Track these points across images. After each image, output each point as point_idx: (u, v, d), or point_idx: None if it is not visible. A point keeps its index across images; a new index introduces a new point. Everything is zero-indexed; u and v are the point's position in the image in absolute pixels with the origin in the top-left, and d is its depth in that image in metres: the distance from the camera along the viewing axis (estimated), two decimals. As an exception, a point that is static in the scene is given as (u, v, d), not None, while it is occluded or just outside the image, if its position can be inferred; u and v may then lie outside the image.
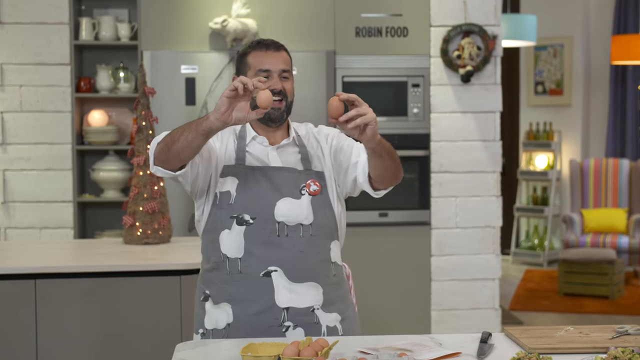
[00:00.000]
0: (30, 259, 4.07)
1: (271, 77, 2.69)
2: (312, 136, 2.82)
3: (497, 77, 5.57)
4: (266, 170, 2.69)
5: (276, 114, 2.70)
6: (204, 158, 2.67)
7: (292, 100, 2.75)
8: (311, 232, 2.67)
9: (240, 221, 2.64)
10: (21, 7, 5.35)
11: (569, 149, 9.70)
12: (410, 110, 5.53)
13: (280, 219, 2.65)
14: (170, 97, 5.33)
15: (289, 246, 2.64)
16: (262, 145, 2.74)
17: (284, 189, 2.67)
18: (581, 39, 9.63)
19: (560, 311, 7.32)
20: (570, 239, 8.51)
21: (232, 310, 2.66)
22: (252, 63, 2.73)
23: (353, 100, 2.45)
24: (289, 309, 2.63)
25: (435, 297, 5.57)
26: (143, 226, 4.36)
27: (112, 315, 3.79)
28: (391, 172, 2.63)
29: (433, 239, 5.56)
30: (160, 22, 5.39)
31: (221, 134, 2.75)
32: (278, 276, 2.63)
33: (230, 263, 2.66)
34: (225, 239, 2.67)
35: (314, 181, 2.70)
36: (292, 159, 2.75)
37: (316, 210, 2.69)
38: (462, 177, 5.56)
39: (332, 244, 2.74)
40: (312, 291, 2.66)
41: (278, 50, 2.73)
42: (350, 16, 5.49)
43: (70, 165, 5.43)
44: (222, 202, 2.68)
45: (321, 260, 2.69)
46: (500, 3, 5.56)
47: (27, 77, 5.37)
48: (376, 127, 2.45)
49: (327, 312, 2.68)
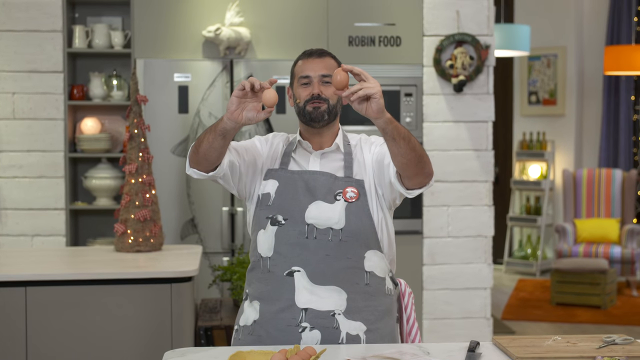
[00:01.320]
0: (22, 266, 4.07)
1: (311, 82, 2.75)
2: (360, 146, 2.85)
3: (490, 87, 5.59)
4: (304, 174, 2.76)
5: (315, 113, 2.74)
6: (247, 162, 2.76)
7: (337, 104, 2.77)
8: (341, 237, 2.69)
9: (273, 221, 2.71)
10: (14, 15, 5.36)
11: (562, 158, 9.73)
12: (402, 120, 5.54)
13: (310, 221, 2.69)
14: (163, 105, 5.34)
15: (315, 248, 2.67)
16: (306, 150, 2.81)
17: (318, 192, 2.72)
18: (575, 49, 9.67)
19: (552, 321, 7.34)
20: (563, 248, 8.53)
21: (259, 308, 2.72)
22: (296, 71, 2.81)
23: (358, 73, 2.47)
24: (308, 310, 2.65)
25: (427, 306, 5.58)
26: (134, 234, 4.36)
27: (103, 323, 3.79)
28: (413, 164, 2.55)
29: (425, 248, 5.57)
30: (153, 30, 5.40)
31: (272, 140, 2.86)
32: (300, 276, 2.66)
33: (263, 262, 2.73)
34: (260, 238, 2.74)
35: (352, 188, 2.73)
36: (334, 165, 2.79)
37: (350, 217, 2.70)
38: (455, 187, 5.58)
39: (369, 253, 2.74)
40: (334, 295, 2.67)
41: (321, 56, 2.79)
42: (344, 25, 5.51)
43: (63, 172, 5.43)
44: (262, 204, 2.75)
45: (350, 267, 2.70)
46: (493, 13, 5.59)
47: (20, 84, 5.38)
48: (381, 100, 2.44)
49: (349, 319, 2.67)
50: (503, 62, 9.92)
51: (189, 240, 5.36)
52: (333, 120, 2.79)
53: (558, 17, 9.70)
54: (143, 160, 4.43)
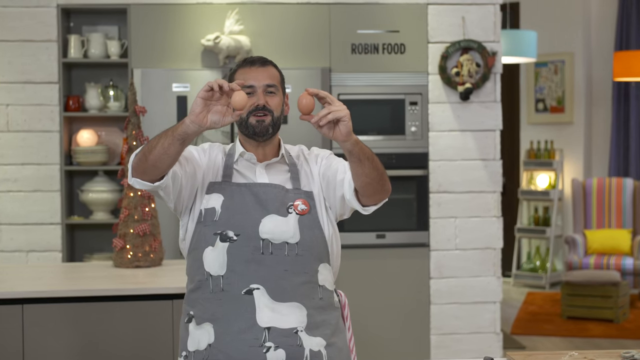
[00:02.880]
0: (17, 283, 4.07)
1: (255, 92, 2.70)
2: (303, 157, 2.84)
3: (497, 95, 5.60)
4: (252, 187, 2.70)
5: (260, 127, 2.70)
6: (188, 173, 2.68)
7: (280, 115, 2.75)
8: (297, 251, 2.66)
9: (224, 238, 2.63)
10: (8, 24, 5.37)
11: (571, 168, 9.73)
12: (408, 129, 5.55)
13: (265, 236, 2.64)
14: (162, 116, 5.35)
15: (273, 264, 2.63)
16: (249, 162, 2.76)
17: (270, 205, 2.67)
18: (583, 55, 9.68)
19: (563, 335, 7.32)
20: (573, 260, 8.52)
21: (213, 330, 2.65)
22: (237, 80, 2.73)
23: (324, 97, 2.47)
24: (271, 329, 2.60)
25: (435, 321, 5.58)
26: (134, 249, 4.36)
27: (102, 341, 3.79)
28: (375, 182, 2.60)
29: (432, 261, 5.57)
30: (151, 39, 5.42)
31: (209, 151, 2.78)
32: (260, 294, 2.61)
33: (213, 281, 2.65)
34: (208, 256, 2.66)
35: (303, 200, 2.70)
36: (281, 177, 2.75)
37: (303, 230, 2.68)
38: (462, 197, 5.58)
39: (321, 267, 2.72)
40: (295, 312, 2.64)
41: (264, 65, 2.74)
42: (346, 32, 5.52)
43: (59, 186, 5.44)
44: (206, 219, 2.68)
45: (307, 282, 2.67)
46: (499, 19, 5.61)
47: (14, 95, 5.39)
48: (350, 123, 2.45)
49: (310, 335, 2.65)
50: (509, 68, 9.93)
51: (189, 254, 5.35)
52: (276, 132, 2.76)
53: (565, 22, 9.72)
54: (142, 172, 4.43)
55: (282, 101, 2.76)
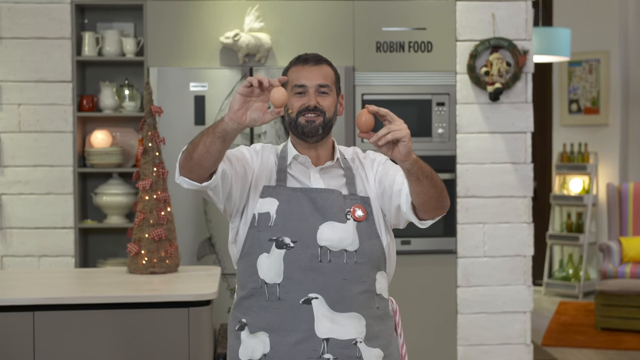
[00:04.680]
0: (29, 289, 4.09)
1: (307, 92, 2.73)
2: (358, 160, 2.85)
3: (528, 95, 5.57)
4: (309, 192, 2.72)
5: (309, 127, 2.72)
6: (239, 173, 2.69)
7: (333, 117, 2.77)
8: (356, 259, 2.67)
9: (280, 244, 2.64)
10: (21, 21, 5.40)
11: (606, 171, 9.67)
12: (434, 131, 5.54)
13: (323, 244, 2.65)
14: (179, 117, 5.36)
15: (331, 273, 2.64)
16: (304, 165, 2.78)
17: (328, 211, 2.68)
18: (619, 54, 9.62)
19: (597, 347, 7.28)
20: (608, 269, 8.46)
21: (269, 340, 2.67)
22: (290, 78, 2.77)
23: (384, 115, 2.48)
24: (329, 340, 2.63)
25: (462, 332, 5.56)
26: (149, 254, 4.38)
27: (116, 349, 3.80)
28: (434, 199, 2.62)
29: (459, 268, 5.55)
30: (167, 36, 5.43)
31: (262, 152, 2.80)
32: (319, 304, 2.63)
33: (269, 289, 2.67)
34: (263, 263, 2.68)
35: (360, 207, 2.72)
36: (336, 182, 2.77)
37: (362, 237, 2.69)
38: (491, 202, 5.56)
39: (378, 275, 2.75)
40: (355, 322, 2.66)
41: (317, 64, 2.77)
42: (371, 30, 5.52)
43: (72, 189, 5.46)
44: (260, 224, 2.69)
45: (365, 291, 2.69)
46: (531, 16, 5.58)
47: (26, 95, 5.42)
48: (410, 144, 2.46)
49: (369, 347, 2.68)
50: (541, 68, 9.88)
51: (207, 260, 5.37)
52: (327, 134, 2.78)
53: (600, 19, 9.67)
54: (158, 175, 4.45)
55: (335, 101, 2.77)
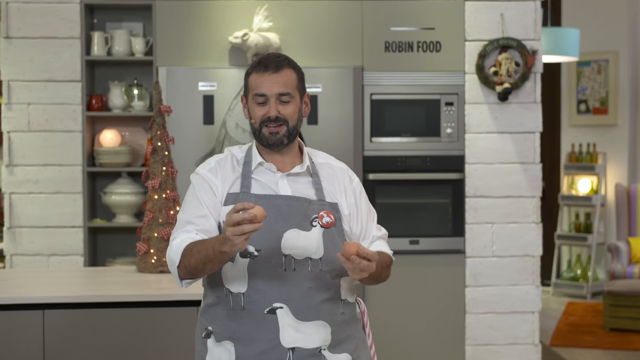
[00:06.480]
0: (38, 288, 4.11)
1: (267, 101, 2.67)
2: (331, 167, 2.81)
3: (537, 95, 5.58)
4: (273, 199, 2.66)
5: (273, 139, 2.68)
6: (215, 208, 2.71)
7: (297, 123, 2.73)
8: (320, 267, 2.64)
9: (244, 253, 2.56)
10: (30, 21, 5.42)
11: (615, 172, 9.67)
12: (443, 131, 5.55)
13: (287, 252, 2.62)
14: (188, 116, 5.38)
15: (296, 282, 2.62)
16: (270, 171, 2.72)
17: (292, 219, 2.64)
18: (628, 54, 9.61)
19: (605, 348, 7.28)
20: (617, 269, 8.46)
21: (234, 349, 2.65)
22: (250, 85, 2.72)
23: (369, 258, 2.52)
24: (295, 349, 2.61)
25: (470, 331, 5.56)
26: (158, 253, 4.39)
27: (124, 348, 3.81)
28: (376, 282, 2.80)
29: (468, 268, 5.56)
30: (176, 36, 5.45)
31: (218, 169, 2.73)
32: (283, 314, 2.60)
33: (233, 298, 2.65)
34: (228, 272, 2.64)
35: (328, 212, 2.66)
36: (305, 188, 2.72)
37: (327, 244, 2.66)
38: (499, 202, 5.56)
39: (342, 280, 2.72)
40: (320, 330, 2.64)
41: (277, 70, 2.68)
42: (379, 30, 5.52)
43: (81, 188, 5.48)
44: None
45: (330, 298, 2.67)
46: (540, 16, 5.58)
47: (35, 94, 5.44)
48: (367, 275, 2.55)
49: (334, 353, 2.66)
50: (550, 68, 9.87)
51: (215, 260, 5.37)
52: (293, 141, 2.74)
53: (609, 19, 9.66)
54: (167, 174, 4.46)
55: (298, 106, 2.73)
